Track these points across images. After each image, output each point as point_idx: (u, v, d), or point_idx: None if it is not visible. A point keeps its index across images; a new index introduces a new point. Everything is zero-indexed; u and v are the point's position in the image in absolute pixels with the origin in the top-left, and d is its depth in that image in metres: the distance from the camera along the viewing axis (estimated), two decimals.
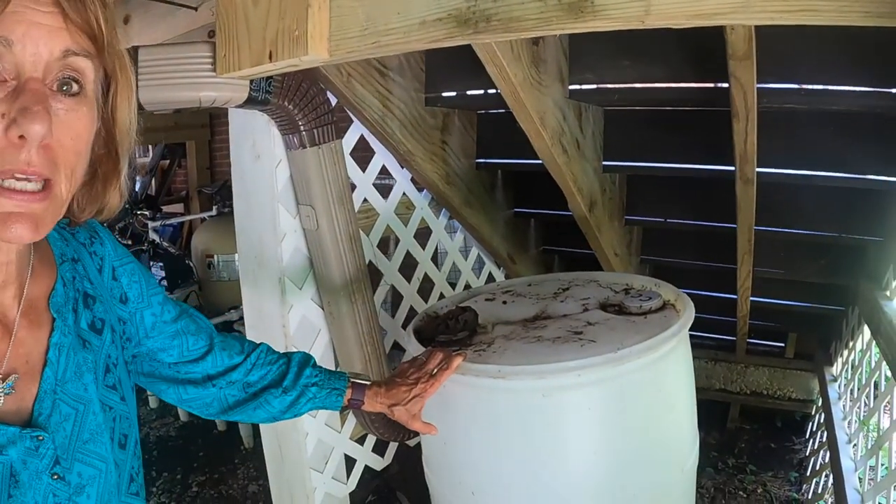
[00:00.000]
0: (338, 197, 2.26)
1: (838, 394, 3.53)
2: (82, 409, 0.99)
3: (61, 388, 0.96)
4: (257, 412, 1.44)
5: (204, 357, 1.35)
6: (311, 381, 1.51)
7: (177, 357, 1.30)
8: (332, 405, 1.54)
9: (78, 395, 0.99)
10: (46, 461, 0.91)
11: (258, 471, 4.15)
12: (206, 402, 1.39)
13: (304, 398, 1.49)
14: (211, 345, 1.37)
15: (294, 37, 1.51)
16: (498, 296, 2.29)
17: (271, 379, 1.47)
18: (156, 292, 1.23)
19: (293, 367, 1.51)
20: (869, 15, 0.97)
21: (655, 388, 1.76)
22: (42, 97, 0.80)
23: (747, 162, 2.19)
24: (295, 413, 1.50)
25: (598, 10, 1.16)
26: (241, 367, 1.43)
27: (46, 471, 0.91)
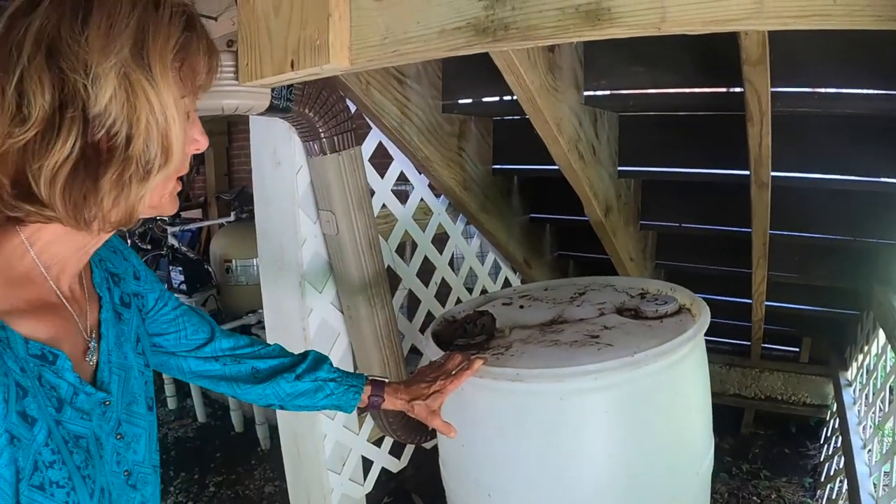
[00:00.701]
0: (357, 202, 2.29)
1: (853, 398, 3.52)
2: (124, 376, 1.11)
3: (111, 357, 1.10)
4: (266, 391, 1.50)
5: (202, 346, 1.43)
6: (330, 376, 1.57)
7: (173, 343, 1.39)
8: (349, 402, 1.59)
9: (121, 363, 1.11)
10: (112, 423, 1.06)
11: (274, 472, 4.18)
12: (211, 377, 1.46)
13: (322, 393, 1.54)
14: (212, 336, 1.46)
15: (316, 46, 1.54)
16: (515, 300, 2.31)
17: (283, 366, 1.53)
18: (157, 282, 1.35)
19: (308, 360, 1.58)
20: (881, 19, 0.99)
21: (671, 392, 1.78)
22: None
23: (762, 166, 2.20)
24: (308, 403, 1.55)
25: (614, 17, 1.18)
26: (249, 349, 1.51)
27: (112, 433, 1.06)
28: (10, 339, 0.88)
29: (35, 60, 0.85)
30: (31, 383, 0.89)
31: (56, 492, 0.90)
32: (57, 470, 0.90)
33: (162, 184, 0.98)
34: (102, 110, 0.86)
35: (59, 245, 0.97)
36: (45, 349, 0.93)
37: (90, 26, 0.86)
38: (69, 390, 0.96)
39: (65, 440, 0.94)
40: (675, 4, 1.11)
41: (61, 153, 0.86)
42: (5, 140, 0.86)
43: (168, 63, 0.92)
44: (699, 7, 1.09)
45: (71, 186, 0.88)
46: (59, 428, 0.93)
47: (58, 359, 0.95)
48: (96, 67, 0.85)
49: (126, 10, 0.89)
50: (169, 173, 0.96)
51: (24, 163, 0.87)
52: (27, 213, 0.90)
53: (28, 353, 0.91)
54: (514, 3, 1.27)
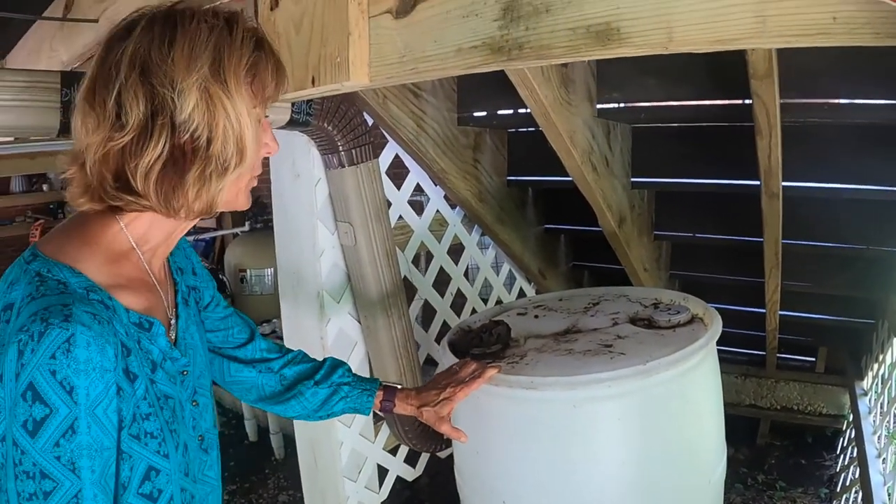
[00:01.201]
0: (375, 214, 2.33)
1: (868, 408, 3.50)
2: (193, 353, 1.27)
3: (185, 335, 1.26)
4: (291, 404, 1.60)
5: (245, 345, 1.57)
6: (344, 380, 1.64)
7: (221, 341, 1.54)
8: (364, 405, 1.64)
9: (190, 342, 1.27)
10: (189, 391, 1.22)
11: (288, 481, 4.20)
12: (245, 387, 1.60)
13: (337, 396, 1.61)
14: (252, 336, 1.59)
15: (336, 63, 1.58)
16: (530, 310, 2.34)
17: (304, 373, 1.62)
18: (212, 280, 1.51)
19: (326, 366, 1.66)
20: (880, 36, 1.02)
21: (683, 400, 1.81)
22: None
23: (772, 177, 2.22)
24: (329, 412, 1.63)
25: (624, 37, 1.22)
26: (279, 359, 1.61)
27: (189, 399, 1.22)
28: (115, 308, 1.04)
29: (130, 78, 1.01)
30: (132, 345, 1.06)
31: (150, 441, 1.07)
32: (152, 422, 1.07)
33: (236, 180, 1.13)
34: (187, 118, 1.02)
35: (151, 231, 1.13)
36: (142, 318, 1.10)
37: (175, 49, 1.03)
38: (160, 355, 1.13)
39: (157, 397, 1.10)
40: (681, 24, 1.14)
41: (154, 153, 1.02)
42: (107, 143, 1.02)
43: (241, 78, 1.07)
44: (704, 27, 1.13)
45: (162, 180, 1.04)
46: (153, 386, 1.10)
47: (153, 326, 1.12)
48: (181, 83, 1.01)
49: (204, 35, 1.05)
50: (243, 171, 1.11)
51: (123, 161, 1.03)
52: (127, 202, 1.05)
53: (129, 320, 1.07)
54: (528, 24, 1.31)
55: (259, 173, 1.21)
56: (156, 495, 1.08)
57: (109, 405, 0.97)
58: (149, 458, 1.06)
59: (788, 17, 1.06)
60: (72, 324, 0.93)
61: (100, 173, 1.04)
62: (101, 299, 1.02)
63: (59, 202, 7.44)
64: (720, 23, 1.11)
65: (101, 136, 1.02)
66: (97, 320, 0.96)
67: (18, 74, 1.58)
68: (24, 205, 7.43)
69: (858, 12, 1.01)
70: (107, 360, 0.96)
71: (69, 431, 0.92)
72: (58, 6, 2.61)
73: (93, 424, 0.95)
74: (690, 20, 1.13)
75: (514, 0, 1.33)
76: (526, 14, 1.32)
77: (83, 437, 0.94)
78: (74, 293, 0.99)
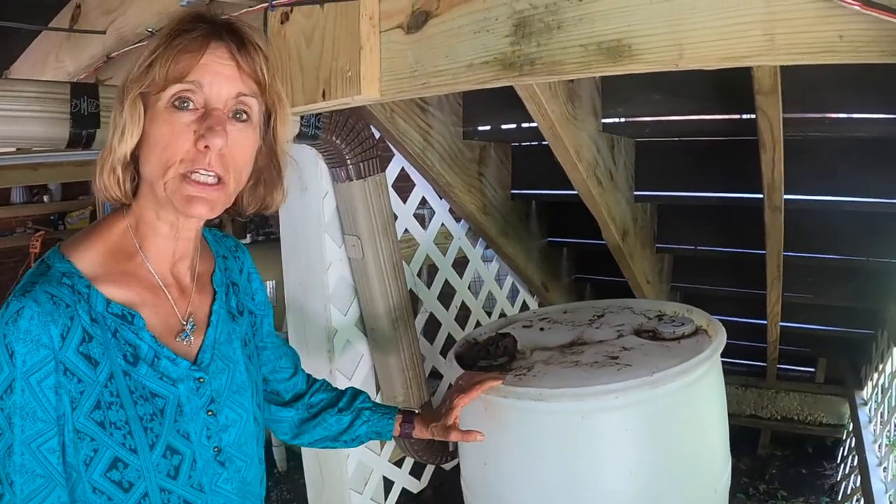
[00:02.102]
0: (382, 228, 2.35)
1: (869, 417, 3.52)
2: (232, 367, 1.29)
3: (217, 347, 1.27)
4: (317, 430, 1.62)
5: (290, 378, 1.60)
6: (366, 405, 1.67)
7: (270, 370, 1.56)
8: (386, 428, 1.67)
9: (228, 356, 1.29)
10: (204, 400, 1.21)
11: (291, 493, 4.19)
12: (281, 423, 1.62)
13: (360, 420, 1.64)
14: (296, 369, 1.62)
15: (347, 77, 1.59)
16: (535, 323, 2.35)
17: (328, 400, 1.65)
18: (270, 308, 1.52)
19: (348, 393, 1.68)
20: (885, 54, 1.04)
21: (689, 410, 1.82)
22: (222, 121, 1.11)
23: (775, 190, 2.24)
24: (352, 436, 1.66)
25: (634, 54, 1.24)
26: (308, 392, 1.65)
27: (203, 408, 1.21)
28: (90, 295, 1.09)
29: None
30: (100, 333, 1.08)
31: (114, 432, 1.08)
32: (114, 412, 1.08)
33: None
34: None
35: (150, 230, 1.17)
36: (124, 310, 1.12)
37: None
38: (149, 352, 1.14)
39: (130, 390, 1.11)
40: (691, 42, 1.17)
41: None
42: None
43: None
44: (714, 44, 1.15)
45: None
46: (127, 379, 1.11)
47: (134, 318, 1.13)
48: None
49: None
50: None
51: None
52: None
53: (108, 310, 1.10)
54: (539, 40, 1.34)
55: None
56: (126, 486, 1.10)
57: (45, 378, 1.02)
58: (115, 448, 1.08)
59: (796, 35, 1.09)
60: (26, 298, 1.03)
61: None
62: (74, 285, 1.08)
63: (59, 213, 7.42)
64: (730, 40, 1.14)
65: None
66: (53, 301, 1.04)
67: (28, 85, 1.60)
68: (25, 216, 7.40)
69: (864, 31, 1.03)
70: (46, 336, 1.02)
71: (8, 390, 1.01)
72: (64, 17, 2.62)
73: (26, 389, 1.02)
74: (701, 37, 1.16)
75: (526, 16, 1.35)
76: (537, 30, 1.34)
77: (17, 398, 1.01)
78: (49, 276, 1.07)
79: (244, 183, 1.21)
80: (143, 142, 1.12)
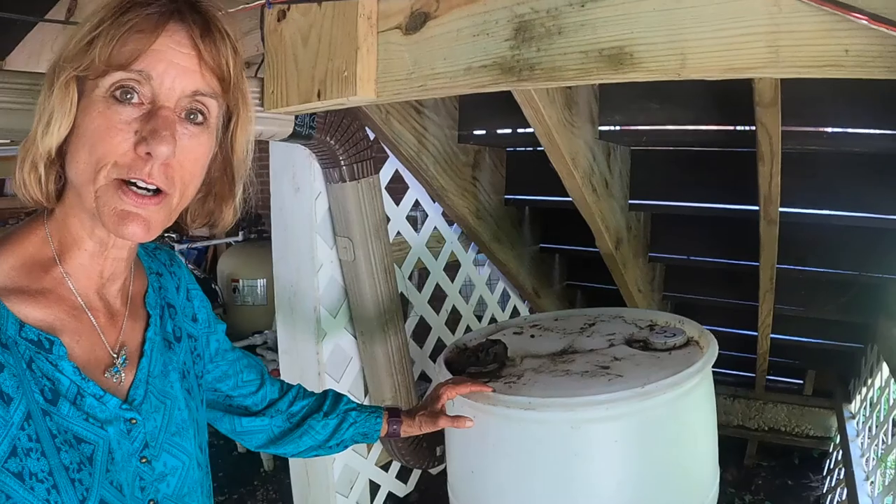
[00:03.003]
0: (374, 230, 2.33)
1: (856, 431, 3.54)
2: (169, 404, 1.09)
3: (152, 381, 1.07)
4: (303, 439, 1.51)
5: (257, 391, 1.45)
6: (350, 406, 1.60)
7: (232, 386, 1.39)
8: (373, 428, 1.61)
9: (165, 391, 1.09)
10: (137, 444, 1.01)
11: (277, 493, 4.18)
12: (256, 435, 1.47)
13: (346, 423, 1.56)
14: (262, 379, 1.47)
15: (343, 77, 1.57)
16: (526, 329, 2.33)
17: (311, 407, 1.55)
18: (220, 324, 1.35)
19: (330, 396, 1.60)
20: (891, 70, 1.03)
21: (679, 422, 1.81)
22: (171, 124, 0.92)
23: (771, 203, 2.24)
24: (339, 440, 1.57)
25: (636, 62, 1.22)
26: (284, 398, 1.51)
27: (136, 454, 1.01)
28: (0, 315, 0.88)
29: None
30: (13, 362, 0.87)
31: (36, 485, 0.87)
32: (34, 460, 0.87)
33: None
34: None
35: (75, 241, 0.98)
36: (41, 335, 0.91)
37: None
38: (72, 388, 0.94)
39: (52, 433, 0.90)
40: (694, 52, 1.16)
41: None
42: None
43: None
44: (718, 55, 1.14)
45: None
46: (47, 419, 0.90)
47: (53, 346, 0.92)
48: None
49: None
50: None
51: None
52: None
53: (21, 334, 0.90)
54: (540, 45, 1.32)
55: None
56: None
57: None
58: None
59: (801, 48, 1.08)
60: None
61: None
62: None
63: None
64: (734, 51, 1.12)
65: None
66: None
67: (20, 77, 1.56)
68: (19, 207, 7.34)
69: (871, 46, 1.02)
70: None
71: None
72: (60, 9, 2.60)
73: None
74: (704, 48, 1.14)
75: (527, 21, 1.34)
76: (538, 35, 1.33)
77: None
78: None
79: (191, 197, 1.02)
80: (72, 136, 0.93)
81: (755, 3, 1.09)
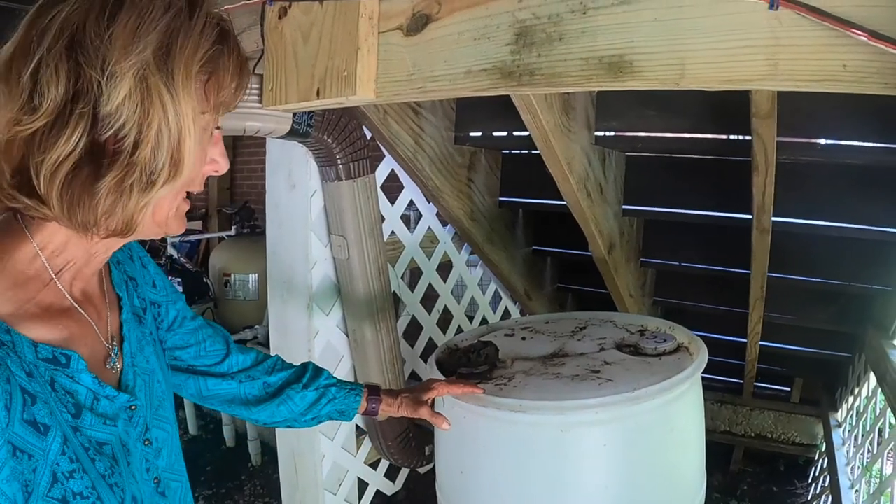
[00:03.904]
0: (369, 229, 2.34)
1: (842, 439, 3.55)
2: (148, 379, 1.10)
3: (135, 360, 1.08)
4: (280, 409, 1.48)
5: (222, 361, 1.41)
6: (330, 381, 1.58)
7: (194, 355, 1.36)
8: (351, 406, 1.59)
9: (144, 367, 1.10)
10: (140, 429, 1.04)
11: (265, 488, 4.18)
12: (226, 399, 1.44)
13: (325, 398, 1.54)
14: (228, 349, 1.43)
15: (343, 77, 1.58)
16: (517, 332, 2.34)
17: (290, 378, 1.52)
18: (177, 293, 1.32)
19: (310, 369, 1.57)
20: (888, 86, 1.04)
21: (668, 428, 1.81)
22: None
23: (764, 213, 2.25)
24: (315, 415, 1.54)
25: (636, 71, 1.23)
26: (260, 366, 1.49)
27: (140, 438, 1.03)
28: (15, 342, 0.85)
29: (54, 49, 0.82)
30: (40, 388, 0.86)
31: (80, 503, 0.88)
32: (78, 480, 0.87)
33: (169, 198, 0.94)
34: (113, 110, 0.83)
35: (69, 250, 0.94)
36: (56, 352, 0.90)
37: (116, 23, 0.83)
38: (88, 395, 0.94)
39: (84, 447, 0.91)
40: (694, 62, 1.17)
41: (65, 148, 0.82)
42: (12, 127, 0.83)
43: (192, 73, 0.88)
44: (717, 66, 1.15)
45: (70, 184, 0.84)
46: (78, 435, 0.90)
47: (71, 360, 0.92)
48: (114, 65, 0.82)
49: (157, 13, 0.85)
50: (176, 188, 0.92)
51: (28, 153, 0.84)
52: (24, 205, 0.87)
53: (38, 356, 0.88)
54: (540, 51, 1.33)
55: (198, 191, 1.01)
56: None
57: (1, 472, 0.80)
58: None
59: (800, 62, 1.09)
60: None
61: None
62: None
63: None
64: (733, 63, 1.13)
65: (6, 118, 0.83)
66: None
67: None
68: None
69: (869, 62, 1.03)
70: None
71: None
72: None
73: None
74: (704, 59, 1.15)
75: (528, 26, 1.34)
76: (539, 41, 1.33)
77: None
78: None
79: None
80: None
81: (756, 17, 1.09)
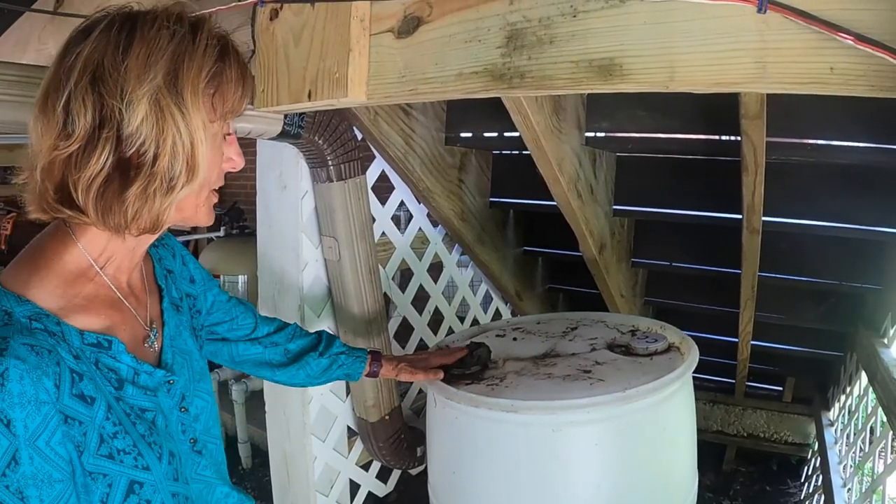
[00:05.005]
0: (360, 230, 2.34)
1: (834, 438, 3.55)
2: (188, 358, 1.30)
3: (174, 342, 1.28)
4: (299, 373, 1.75)
5: (253, 331, 1.67)
6: (341, 349, 1.85)
7: (228, 329, 1.61)
8: (357, 370, 1.86)
9: (183, 349, 1.30)
10: (177, 399, 1.23)
11: (255, 490, 4.15)
12: (256, 362, 1.70)
13: (336, 364, 1.81)
14: (256, 321, 1.69)
15: (334, 79, 1.58)
16: (508, 332, 2.34)
17: (307, 346, 1.79)
18: (213, 280, 1.56)
19: (324, 338, 1.84)
20: (874, 88, 1.04)
21: (659, 427, 1.82)
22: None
23: (754, 213, 2.26)
24: (327, 378, 1.83)
25: (626, 74, 1.24)
26: (282, 332, 1.75)
27: (177, 406, 1.22)
28: (64, 332, 1.02)
29: (80, 84, 0.98)
30: (86, 368, 1.04)
31: (124, 458, 1.06)
32: (121, 439, 1.06)
33: (191, 197, 1.11)
34: (134, 131, 0.99)
35: (110, 247, 1.11)
36: (99, 338, 1.07)
37: (130, 55, 0.99)
38: (129, 371, 1.12)
39: (126, 413, 1.09)
40: (683, 66, 1.17)
41: (96, 166, 0.99)
42: (52, 152, 0.99)
43: (199, 90, 1.04)
44: (706, 69, 1.15)
45: (103, 195, 1.01)
46: (121, 403, 1.09)
47: (112, 344, 1.09)
48: (130, 93, 0.98)
49: (164, 42, 1.01)
50: (195, 188, 1.08)
51: (66, 172, 1.00)
52: (67, 216, 1.03)
53: (84, 342, 1.05)
54: (531, 53, 1.33)
55: (220, 186, 1.20)
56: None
57: (52, 436, 0.96)
58: (128, 473, 1.06)
59: (788, 65, 1.09)
60: (6, 358, 0.92)
61: (42, 182, 1.02)
62: (46, 327, 1.00)
63: None
64: (722, 66, 1.14)
65: (48, 144, 0.99)
66: (35, 352, 0.95)
67: (9, 68, 1.54)
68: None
69: (855, 64, 1.04)
70: (42, 391, 0.95)
71: (12, 462, 0.92)
72: None
73: (35, 455, 0.94)
74: (693, 62, 1.16)
75: (519, 29, 1.34)
76: (529, 44, 1.34)
77: (26, 468, 0.93)
78: (17, 324, 0.98)
79: None
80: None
81: (744, 20, 1.10)
